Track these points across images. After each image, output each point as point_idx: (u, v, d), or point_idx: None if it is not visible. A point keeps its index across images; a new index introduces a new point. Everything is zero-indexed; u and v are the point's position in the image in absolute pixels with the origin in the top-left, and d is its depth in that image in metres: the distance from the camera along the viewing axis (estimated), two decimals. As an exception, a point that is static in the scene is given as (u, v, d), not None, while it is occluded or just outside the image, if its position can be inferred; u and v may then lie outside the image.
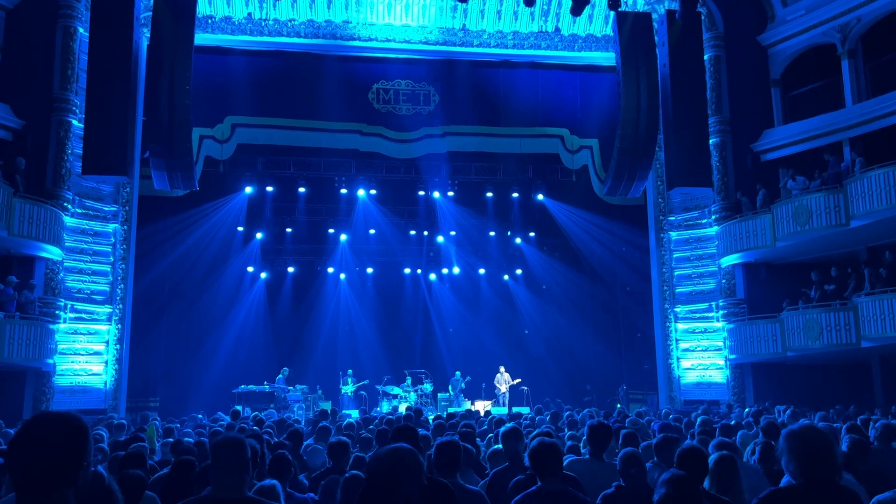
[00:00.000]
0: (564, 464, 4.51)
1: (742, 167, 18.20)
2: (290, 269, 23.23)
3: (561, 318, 23.15)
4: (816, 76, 17.72)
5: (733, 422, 9.36)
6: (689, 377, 18.55)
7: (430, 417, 11.93)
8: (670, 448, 4.64)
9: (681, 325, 18.81)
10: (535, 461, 3.73)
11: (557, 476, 3.73)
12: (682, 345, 18.75)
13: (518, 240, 24.03)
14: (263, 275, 22.88)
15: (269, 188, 20.71)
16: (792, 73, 18.19)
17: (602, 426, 5.01)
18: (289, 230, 22.73)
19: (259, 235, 22.15)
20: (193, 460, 4.81)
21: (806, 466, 2.76)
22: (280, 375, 19.76)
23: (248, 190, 20.29)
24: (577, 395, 21.87)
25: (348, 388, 20.52)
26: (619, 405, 18.07)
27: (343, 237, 23.06)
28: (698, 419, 8.97)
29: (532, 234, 23.92)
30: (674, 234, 19.06)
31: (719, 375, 18.15)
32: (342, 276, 23.89)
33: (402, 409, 15.31)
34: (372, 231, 23.09)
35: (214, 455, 2.90)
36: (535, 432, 6.19)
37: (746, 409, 12.44)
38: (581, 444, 5.63)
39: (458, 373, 20.85)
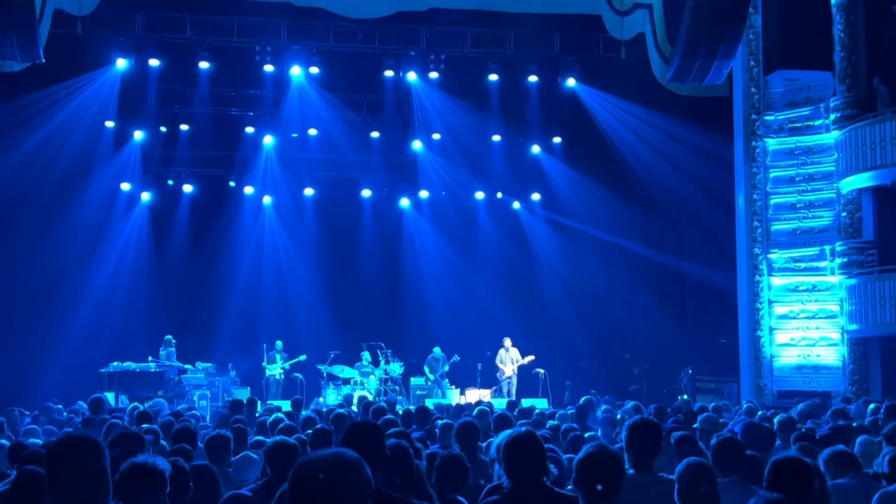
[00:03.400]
0: None
1: (878, 39, 18.27)
2: (188, 189, 23.38)
3: (598, 268, 23.35)
4: None
5: (855, 423, 9.70)
6: (787, 357, 19.03)
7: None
8: (759, 463, 4.88)
9: (777, 280, 19.22)
10: (510, 460, 4.29)
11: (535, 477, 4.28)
12: (778, 309, 19.21)
13: (536, 148, 24.22)
14: (146, 196, 23.11)
15: (154, 62, 20.66)
16: None
17: (648, 424, 5.23)
18: (184, 128, 22.72)
19: (139, 135, 22.26)
20: (41, 473, 4.51)
21: None
22: (165, 349, 20.17)
23: (122, 64, 20.24)
24: (620, 383, 22.22)
25: (275, 369, 20.90)
26: (681, 397, 18.41)
27: (268, 140, 23.16)
28: (799, 418, 9.33)
29: (557, 139, 24.11)
30: (772, 143, 19.37)
31: (832, 355, 18.58)
32: (267, 199, 24.01)
33: (356, 400, 15.65)
34: (313, 132, 23.24)
35: (51, 466, 3.10)
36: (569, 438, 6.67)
37: (872, 405, 12.54)
38: (624, 450, 5.70)
39: (437, 349, 21.18)
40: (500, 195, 25.22)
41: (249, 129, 23.23)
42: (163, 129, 22.94)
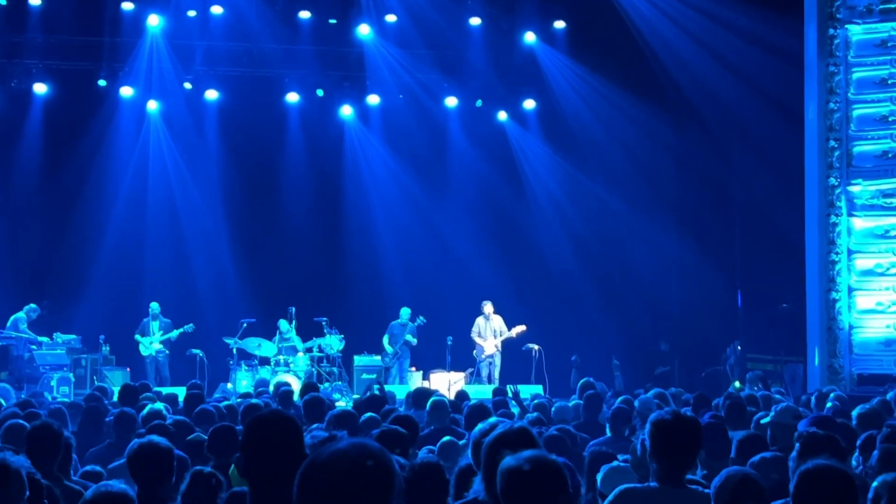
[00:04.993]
0: (615, 494, 5.40)
1: None
2: (40, 90, 23.02)
3: (614, 204, 23.57)
4: None
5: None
6: (872, 328, 19.04)
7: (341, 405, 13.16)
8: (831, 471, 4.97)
9: (860, 222, 19.18)
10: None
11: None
12: (861, 262, 19.20)
13: (530, 36, 24.08)
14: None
15: None
16: None
17: (681, 421, 5.41)
18: (34, 2, 22.15)
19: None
20: None
21: None
22: (17, 315, 20.06)
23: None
24: (644, 362, 22.40)
25: (150, 343, 21.00)
26: (736, 385, 18.40)
27: (154, 22, 22.80)
28: (884, 409, 9.80)
29: (560, 24, 23.90)
30: (856, 30, 19.27)
31: (933, 327, 18.67)
32: (152, 105, 23.73)
33: (274, 385, 15.56)
34: (217, 10, 22.88)
35: None
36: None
37: None
38: (647, 456, 5.91)
39: (405, 310, 21.58)
40: (479, 103, 24.93)
41: (127, 6, 22.63)
42: (1, 1, 22.24)
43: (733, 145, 22.38)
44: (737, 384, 18.27)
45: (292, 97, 24.08)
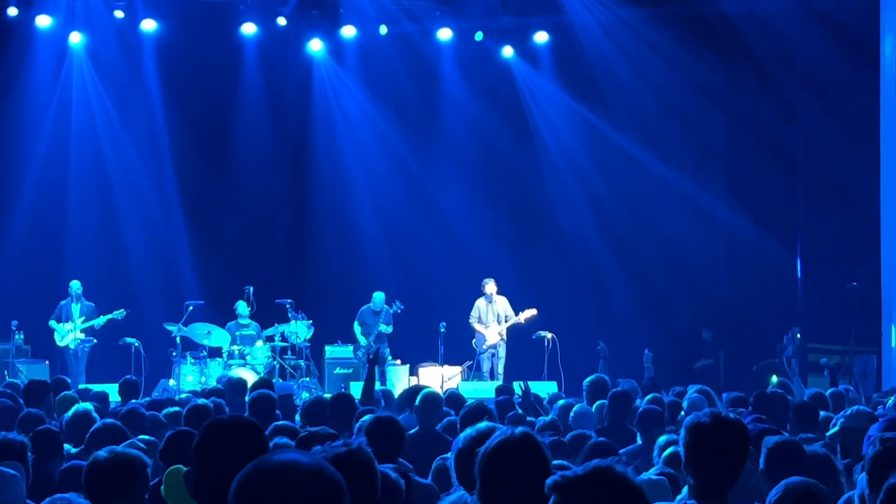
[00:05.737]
0: None
1: None
2: None
3: (647, 161, 23.53)
4: None
5: None
6: None
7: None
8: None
9: None
10: (488, 482, 4.61)
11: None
12: None
13: None
14: None
15: None
16: None
17: (725, 426, 5.39)
18: None
19: None
20: None
21: None
22: None
23: None
24: (682, 354, 22.54)
25: (66, 332, 20.66)
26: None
27: None
28: None
29: None
30: None
31: None
32: (76, 38, 23.21)
33: (230, 384, 15.23)
34: None
35: None
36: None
37: None
38: (683, 469, 6.01)
39: (378, 295, 21.51)
40: (479, 36, 24.50)
41: None
42: None
43: (795, 93, 22.33)
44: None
45: (248, 28, 23.57)
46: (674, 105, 23.70)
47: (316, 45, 24.03)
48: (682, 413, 11.28)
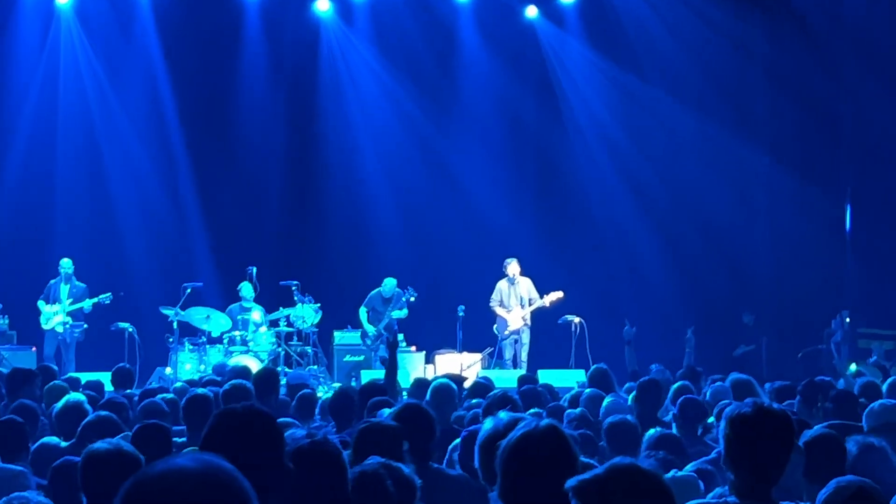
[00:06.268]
0: None
1: None
2: None
3: (683, 128, 23.36)
4: None
5: None
6: None
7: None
8: None
9: None
10: (509, 477, 4.65)
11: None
12: None
13: None
14: None
15: None
16: None
17: (768, 418, 5.36)
18: None
19: None
20: None
21: None
22: None
23: None
24: (721, 340, 22.35)
25: (53, 315, 20.54)
26: (852, 368, 18.17)
27: None
28: None
29: None
30: None
31: None
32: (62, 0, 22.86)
33: (232, 372, 15.02)
34: None
35: None
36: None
37: None
38: (723, 463, 5.95)
39: (389, 280, 21.29)
40: None
41: None
42: None
43: (845, 57, 22.35)
44: (853, 367, 18.10)
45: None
46: (712, 68, 23.57)
47: (323, 5, 23.64)
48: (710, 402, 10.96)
